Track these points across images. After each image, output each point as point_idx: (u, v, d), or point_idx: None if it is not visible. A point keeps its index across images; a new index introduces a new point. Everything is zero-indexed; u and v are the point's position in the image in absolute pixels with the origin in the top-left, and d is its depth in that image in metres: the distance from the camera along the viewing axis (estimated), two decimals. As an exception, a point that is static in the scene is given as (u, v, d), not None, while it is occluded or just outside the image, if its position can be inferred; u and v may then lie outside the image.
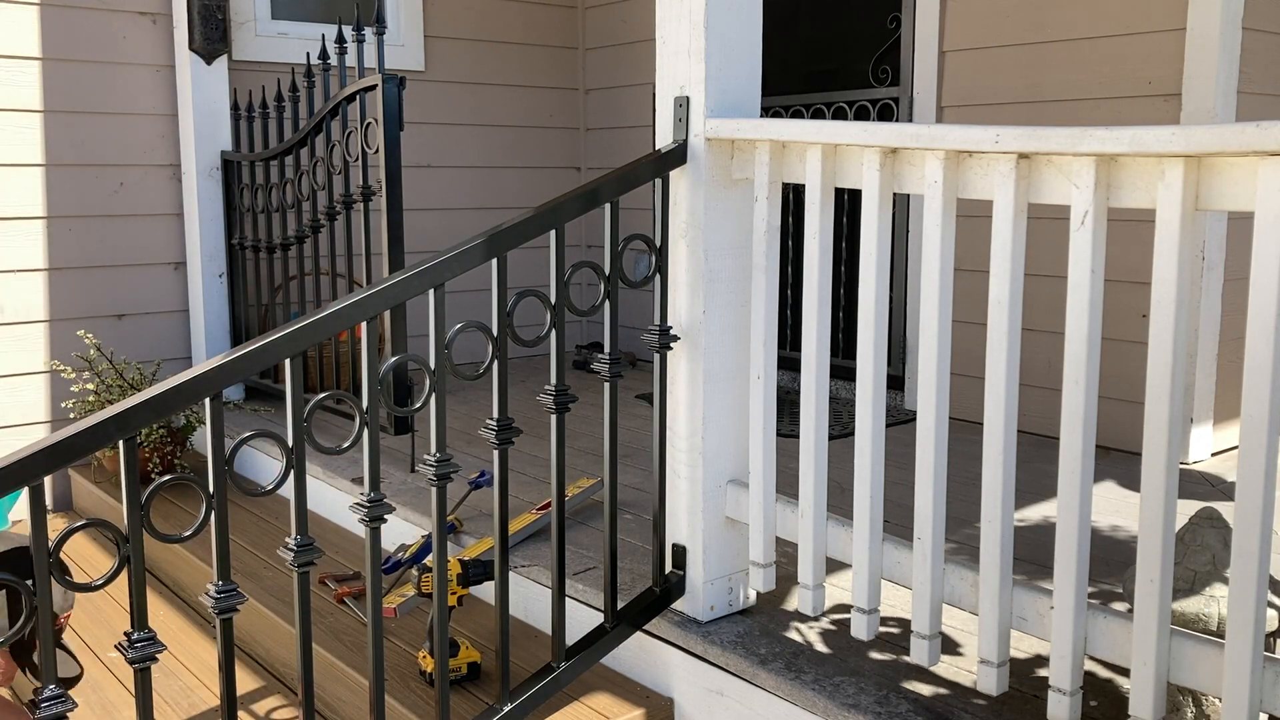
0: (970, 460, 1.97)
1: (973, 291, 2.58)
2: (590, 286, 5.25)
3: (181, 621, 3.04)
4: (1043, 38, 3.74)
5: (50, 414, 4.18)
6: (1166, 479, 1.59)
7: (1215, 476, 3.39)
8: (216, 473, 1.67)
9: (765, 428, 2.21)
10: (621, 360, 2.19)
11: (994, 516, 1.80)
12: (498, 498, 2.05)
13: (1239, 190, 1.50)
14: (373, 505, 1.84)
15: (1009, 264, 1.74)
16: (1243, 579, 1.53)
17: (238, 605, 1.74)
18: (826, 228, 2.05)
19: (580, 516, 3.00)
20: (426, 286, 1.90)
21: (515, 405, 2.01)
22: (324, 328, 1.80)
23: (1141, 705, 1.65)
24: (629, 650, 2.40)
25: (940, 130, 1.80)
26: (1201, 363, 3.50)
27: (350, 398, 1.84)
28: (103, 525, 1.60)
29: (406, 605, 2.54)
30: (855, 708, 1.97)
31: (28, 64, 4.02)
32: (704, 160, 2.19)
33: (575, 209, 2.09)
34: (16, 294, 4.09)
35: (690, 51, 2.18)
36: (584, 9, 5.54)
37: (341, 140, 3.57)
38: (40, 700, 1.53)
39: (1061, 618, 1.73)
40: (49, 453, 1.52)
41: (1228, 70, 3.32)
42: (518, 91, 5.35)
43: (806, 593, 2.14)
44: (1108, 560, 2.59)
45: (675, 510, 2.34)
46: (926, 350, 1.86)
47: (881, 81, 4.33)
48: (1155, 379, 1.59)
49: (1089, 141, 1.60)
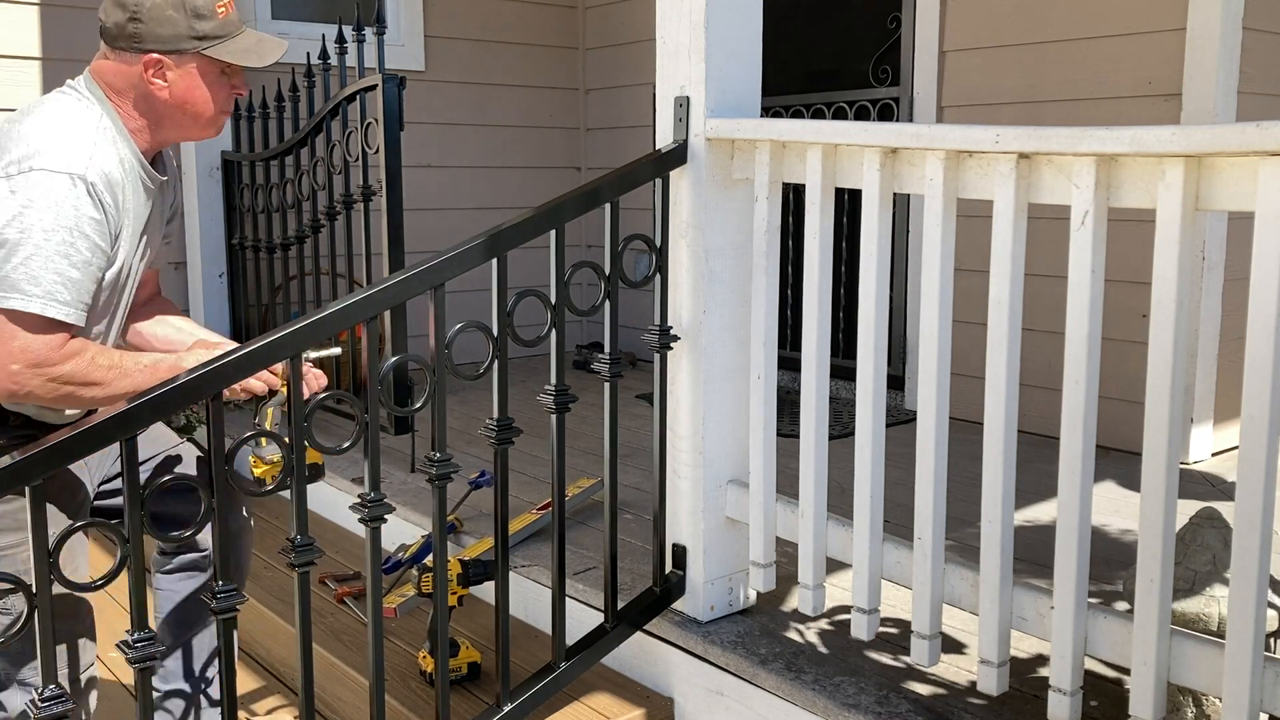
0: (970, 460, 1.97)
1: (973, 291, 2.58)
2: (590, 286, 5.22)
3: (181, 621, 3.04)
4: (1042, 38, 3.74)
5: (50, 414, 4.18)
6: (1166, 479, 1.59)
7: (1215, 476, 3.39)
8: (216, 473, 1.67)
9: (765, 428, 2.21)
10: (621, 360, 2.19)
11: (994, 516, 1.80)
12: (498, 498, 2.05)
13: (1239, 190, 1.50)
14: (373, 505, 1.84)
15: (1009, 264, 1.74)
16: (1243, 579, 1.53)
17: (238, 605, 1.74)
18: (827, 228, 2.05)
19: (580, 516, 3.00)
20: (426, 286, 1.90)
21: (515, 405, 2.00)
22: (324, 328, 1.80)
23: (1141, 705, 1.65)
24: (629, 650, 2.40)
25: (940, 130, 1.80)
26: (1201, 363, 3.50)
27: (350, 398, 1.84)
28: (103, 525, 1.60)
29: (406, 605, 2.54)
30: (855, 708, 1.97)
31: (28, 64, 4.02)
32: (704, 160, 2.19)
33: (575, 209, 2.09)
34: (16, 294, 4.09)
35: (690, 51, 2.18)
36: (584, 9, 5.54)
37: (342, 140, 3.57)
38: (40, 700, 1.53)
39: (1061, 618, 1.73)
40: (49, 453, 1.52)
41: (1228, 70, 3.32)
42: (518, 91, 5.35)
43: (807, 593, 2.14)
44: (1108, 560, 2.59)
45: (675, 510, 2.34)
46: (926, 350, 1.86)
47: (881, 81, 4.33)
48: (1155, 379, 1.59)
49: (1089, 141, 1.60)
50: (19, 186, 1.72)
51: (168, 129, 1.91)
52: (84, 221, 1.74)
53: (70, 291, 1.74)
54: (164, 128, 1.91)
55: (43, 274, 1.71)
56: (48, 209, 1.71)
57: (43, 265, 1.71)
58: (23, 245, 1.70)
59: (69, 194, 1.73)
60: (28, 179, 1.72)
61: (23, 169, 1.72)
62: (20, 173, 1.72)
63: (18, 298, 1.70)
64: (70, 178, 1.74)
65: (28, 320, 1.72)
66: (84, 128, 1.80)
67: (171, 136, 1.94)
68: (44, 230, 1.71)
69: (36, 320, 1.72)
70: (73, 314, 1.75)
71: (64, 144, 1.76)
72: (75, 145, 1.77)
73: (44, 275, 1.71)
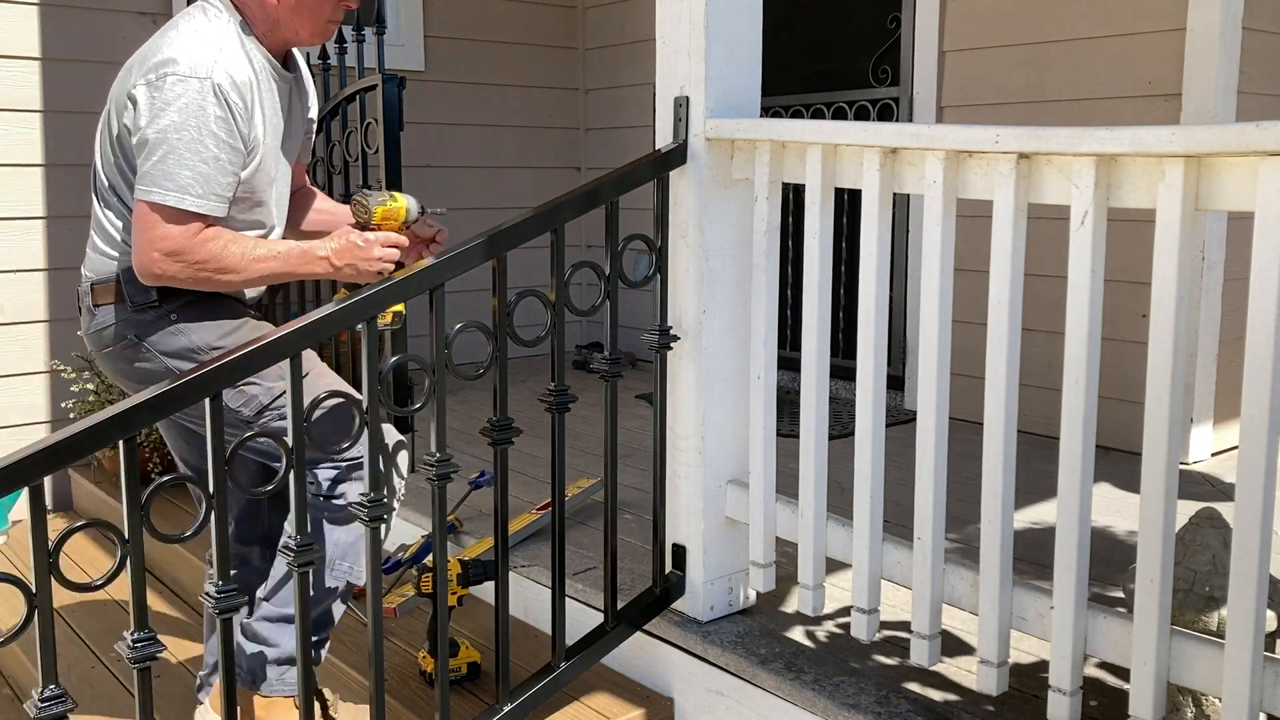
0: (970, 460, 1.97)
1: (973, 291, 2.59)
2: (590, 286, 5.22)
3: (182, 621, 3.04)
4: (1043, 38, 3.74)
5: (50, 414, 4.18)
6: (1166, 479, 1.59)
7: (1215, 477, 3.39)
8: (216, 473, 1.67)
9: (765, 428, 2.21)
10: (621, 360, 2.19)
11: (994, 516, 1.80)
12: (498, 498, 2.05)
13: (1239, 190, 1.50)
14: (373, 505, 1.84)
15: (1009, 264, 1.74)
16: (1243, 579, 1.52)
17: (238, 605, 1.74)
18: (826, 228, 2.05)
19: (580, 516, 3.00)
20: (426, 287, 1.90)
21: (515, 405, 2.00)
22: (324, 327, 1.80)
23: (1141, 705, 1.65)
24: (629, 650, 2.40)
25: (940, 130, 1.80)
26: (1201, 363, 3.50)
27: (350, 397, 1.84)
28: (103, 525, 1.60)
29: (406, 605, 2.54)
30: (855, 708, 1.97)
31: (28, 64, 4.02)
32: (704, 160, 2.19)
33: (575, 209, 2.09)
34: (16, 294, 4.09)
35: (690, 51, 2.18)
36: (584, 9, 5.53)
37: (341, 140, 3.57)
38: (40, 700, 1.53)
39: (1061, 618, 1.73)
40: (49, 453, 1.52)
41: (1228, 70, 3.32)
42: (518, 91, 5.35)
43: (806, 593, 2.14)
44: (1108, 560, 2.59)
45: (675, 510, 2.34)
46: (926, 350, 1.86)
47: (881, 81, 4.33)
48: (1155, 379, 1.59)
49: (1089, 141, 1.60)
50: (156, 92, 1.93)
51: (284, 32, 2.09)
52: (212, 121, 1.94)
53: (202, 185, 1.94)
54: (280, 32, 2.08)
55: (177, 170, 1.92)
56: (179, 111, 1.92)
57: (177, 162, 1.92)
58: (160, 145, 1.92)
59: (197, 96, 1.93)
60: (163, 84, 1.93)
61: (159, 75, 1.94)
62: (158, 79, 1.93)
63: (156, 192, 1.93)
64: (199, 81, 1.93)
65: (165, 212, 1.94)
66: (211, 36, 2.00)
67: (290, 39, 2.11)
68: (177, 130, 1.92)
69: (172, 212, 1.94)
70: (205, 205, 1.95)
71: (193, 52, 1.95)
72: (203, 52, 1.96)
73: (178, 171, 1.92)
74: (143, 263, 1.97)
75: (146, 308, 2.04)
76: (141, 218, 1.95)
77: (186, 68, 1.93)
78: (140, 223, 1.96)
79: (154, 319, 2.04)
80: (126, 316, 2.05)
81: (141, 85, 1.95)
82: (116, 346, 2.07)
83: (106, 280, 2.07)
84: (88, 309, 2.10)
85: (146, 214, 1.94)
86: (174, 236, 1.94)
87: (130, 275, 2.03)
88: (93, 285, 2.08)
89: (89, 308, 2.09)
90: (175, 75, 1.93)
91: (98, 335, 2.09)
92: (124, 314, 2.05)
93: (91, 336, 2.11)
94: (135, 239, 1.97)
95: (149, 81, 1.94)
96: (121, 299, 2.05)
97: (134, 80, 1.97)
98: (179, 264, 1.96)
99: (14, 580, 1.49)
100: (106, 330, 2.07)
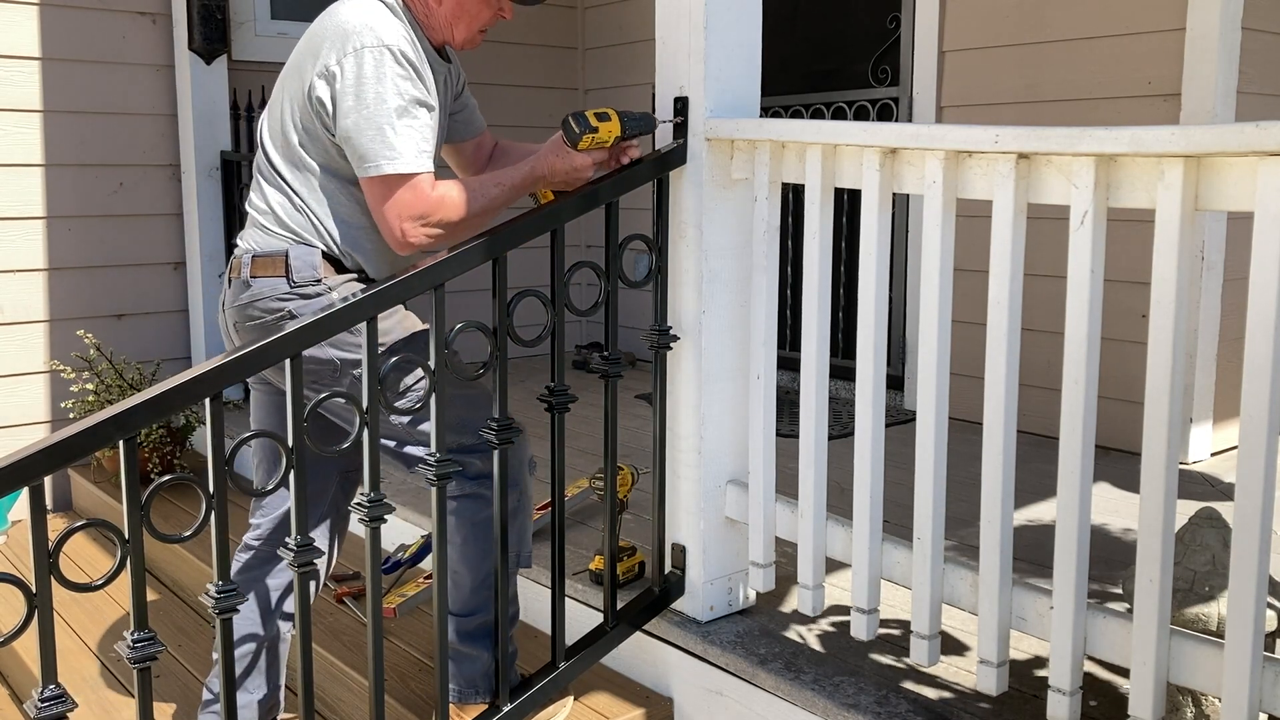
0: (970, 460, 1.97)
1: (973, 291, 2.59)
2: (590, 286, 5.23)
3: (182, 621, 3.04)
4: (1042, 38, 3.74)
5: (50, 414, 4.18)
6: (1166, 479, 1.59)
7: (1215, 476, 3.39)
8: (216, 473, 1.67)
9: (765, 428, 2.21)
10: (621, 360, 2.19)
11: (994, 516, 1.80)
12: (498, 498, 2.05)
13: (1239, 190, 1.50)
14: (373, 505, 1.84)
15: (1009, 264, 1.74)
16: (1242, 579, 1.53)
17: (238, 605, 1.74)
18: (826, 228, 2.05)
19: (580, 516, 3.01)
20: (426, 286, 1.90)
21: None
22: (324, 328, 1.80)
23: (1141, 705, 1.65)
24: (629, 650, 2.40)
25: (940, 130, 1.80)
26: (1201, 363, 3.50)
27: (350, 396, 1.84)
28: (103, 525, 1.60)
29: (406, 605, 2.54)
30: (855, 708, 1.98)
31: (28, 64, 4.02)
32: (704, 160, 2.19)
33: (574, 209, 2.10)
34: (16, 294, 4.09)
35: (690, 51, 2.18)
36: (584, 9, 5.53)
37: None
38: (40, 700, 1.53)
39: (1061, 618, 1.73)
40: (49, 453, 1.52)
41: (1227, 70, 3.32)
42: (518, 91, 5.35)
43: (806, 593, 2.14)
44: (1108, 560, 2.59)
45: (675, 510, 2.34)
46: (926, 350, 1.86)
47: (881, 81, 4.33)
48: (1155, 379, 1.59)
49: (1088, 141, 1.60)
50: (348, 67, 2.01)
51: (440, 31, 2.18)
52: (402, 82, 2.02)
53: (413, 145, 2.02)
54: (436, 30, 2.18)
55: (391, 137, 2.00)
56: (376, 80, 2.00)
57: (391, 129, 2.00)
58: (372, 118, 2.00)
59: (389, 63, 2.01)
60: (355, 57, 2.01)
61: (347, 51, 2.01)
62: (347, 54, 2.01)
63: (384, 164, 2.01)
64: (386, 49, 2.01)
65: (393, 181, 2.02)
66: (386, 14, 2.08)
67: (445, 39, 2.21)
68: (377, 98, 2.00)
69: (398, 179, 2.02)
70: (422, 161, 2.04)
71: (375, 25, 2.03)
72: (383, 25, 2.04)
73: (391, 138, 2.00)
74: (396, 238, 2.04)
75: (309, 286, 2.08)
76: (378, 195, 2.02)
77: (372, 38, 2.01)
78: (377, 200, 2.03)
79: (314, 298, 2.07)
80: (287, 293, 2.07)
81: (346, 59, 2.01)
82: (269, 318, 2.08)
83: (271, 255, 2.09)
84: (242, 281, 2.11)
85: (378, 190, 2.02)
86: (409, 201, 2.02)
87: (302, 254, 2.08)
88: (254, 258, 2.10)
89: (245, 280, 2.10)
90: (365, 47, 2.00)
91: (248, 307, 2.10)
92: (283, 290, 2.08)
93: (239, 308, 2.11)
94: (380, 217, 2.04)
95: (351, 52, 2.01)
96: (285, 274, 2.08)
97: (328, 58, 2.03)
98: (422, 227, 2.04)
99: (14, 580, 1.49)
100: (260, 302, 2.09)
